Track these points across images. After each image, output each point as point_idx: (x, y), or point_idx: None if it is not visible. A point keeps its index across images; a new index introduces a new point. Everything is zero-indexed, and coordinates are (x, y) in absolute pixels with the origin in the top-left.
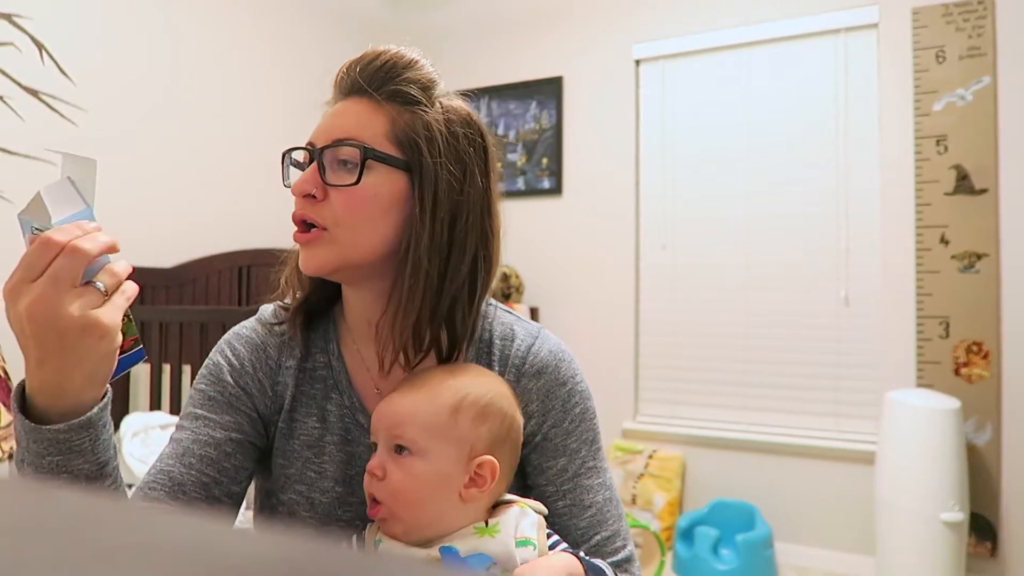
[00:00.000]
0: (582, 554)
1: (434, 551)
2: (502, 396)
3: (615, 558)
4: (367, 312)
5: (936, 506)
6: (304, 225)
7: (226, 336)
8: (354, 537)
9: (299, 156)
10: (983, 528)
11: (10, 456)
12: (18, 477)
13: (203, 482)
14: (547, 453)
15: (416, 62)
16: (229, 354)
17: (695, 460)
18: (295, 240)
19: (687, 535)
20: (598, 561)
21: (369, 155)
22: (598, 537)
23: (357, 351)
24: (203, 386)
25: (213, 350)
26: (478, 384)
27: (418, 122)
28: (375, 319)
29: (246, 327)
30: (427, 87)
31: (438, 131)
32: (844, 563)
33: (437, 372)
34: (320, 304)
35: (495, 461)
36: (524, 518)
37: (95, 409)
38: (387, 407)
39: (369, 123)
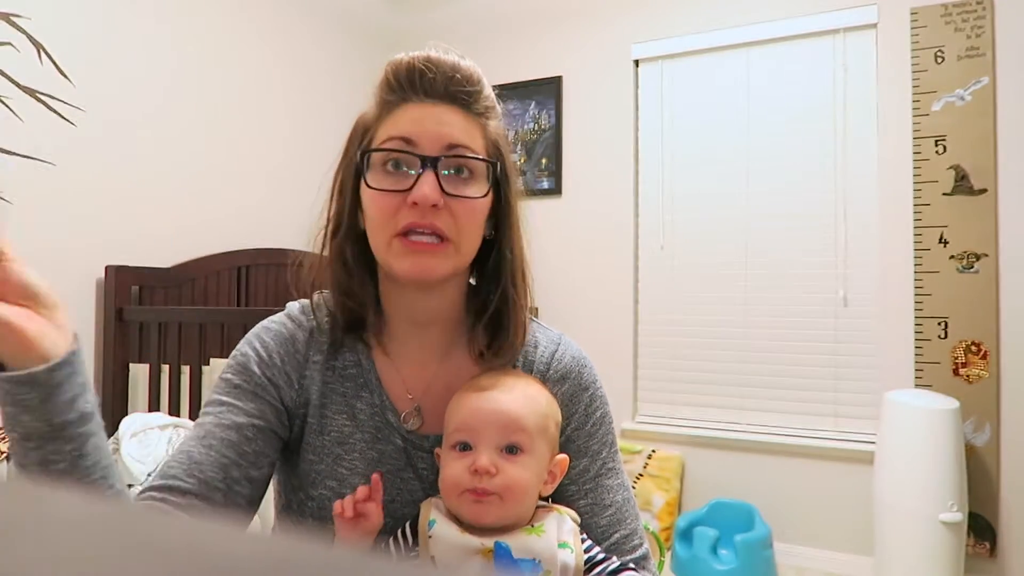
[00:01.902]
0: None
1: (488, 541)
2: (556, 403)
3: (633, 555)
4: (413, 313)
5: (935, 506)
6: (419, 233)
7: (254, 329)
8: (408, 524)
9: (383, 156)
10: (982, 528)
11: (7, 457)
12: (16, 477)
13: (222, 463)
14: (570, 454)
15: (481, 79)
16: (257, 345)
17: (694, 460)
18: (411, 248)
19: (686, 535)
20: None
21: (494, 169)
22: (617, 535)
23: (387, 350)
24: (229, 375)
25: (241, 342)
26: (546, 391)
27: (497, 134)
28: (420, 319)
29: (275, 321)
30: (493, 102)
31: (506, 141)
32: (843, 563)
33: (510, 376)
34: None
35: (567, 459)
36: (563, 524)
37: (41, 368)
38: (494, 407)
39: (473, 134)
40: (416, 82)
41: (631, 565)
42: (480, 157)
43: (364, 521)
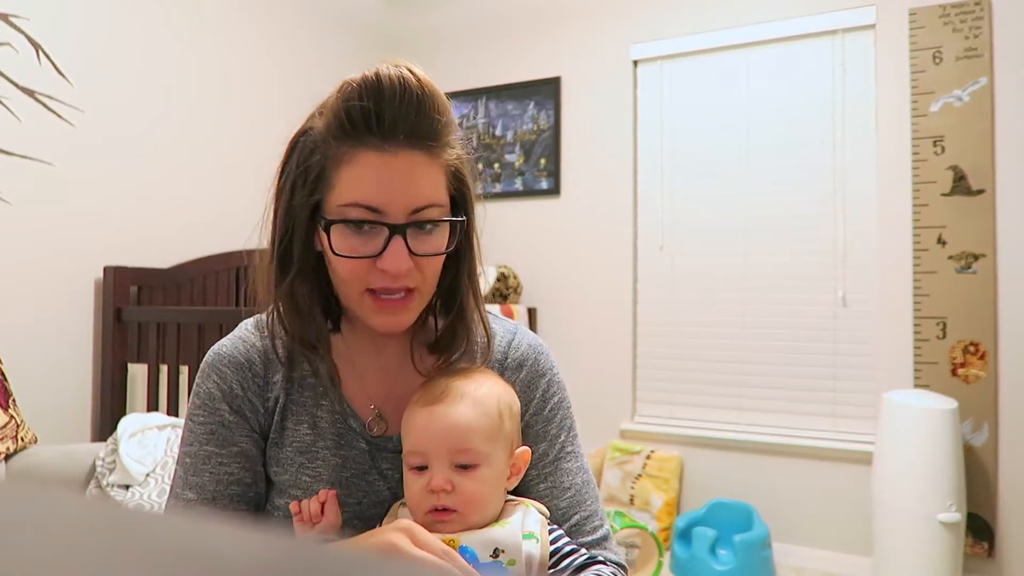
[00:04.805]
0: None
1: (452, 534)
2: (513, 391)
3: (594, 536)
4: (374, 335)
5: (933, 506)
6: (390, 291)
7: (209, 360)
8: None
9: (356, 215)
10: (980, 528)
11: (6, 457)
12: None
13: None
14: (528, 439)
15: (436, 98)
16: (217, 379)
17: (693, 460)
18: (383, 307)
19: (685, 535)
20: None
21: (460, 224)
22: (577, 516)
23: (349, 357)
24: (202, 419)
25: (199, 376)
26: (499, 384)
27: (458, 162)
28: (380, 337)
29: (225, 346)
30: (450, 116)
31: (466, 160)
32: (841, 563)
33: (459, 380)
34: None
35: (529, 450)
36: (529, 516)
37: None
38: (440, 423)
39: (436, 180)
40: (373, 126)
41: (600, 558)
42: (447, 219)
43: (322, 520)
